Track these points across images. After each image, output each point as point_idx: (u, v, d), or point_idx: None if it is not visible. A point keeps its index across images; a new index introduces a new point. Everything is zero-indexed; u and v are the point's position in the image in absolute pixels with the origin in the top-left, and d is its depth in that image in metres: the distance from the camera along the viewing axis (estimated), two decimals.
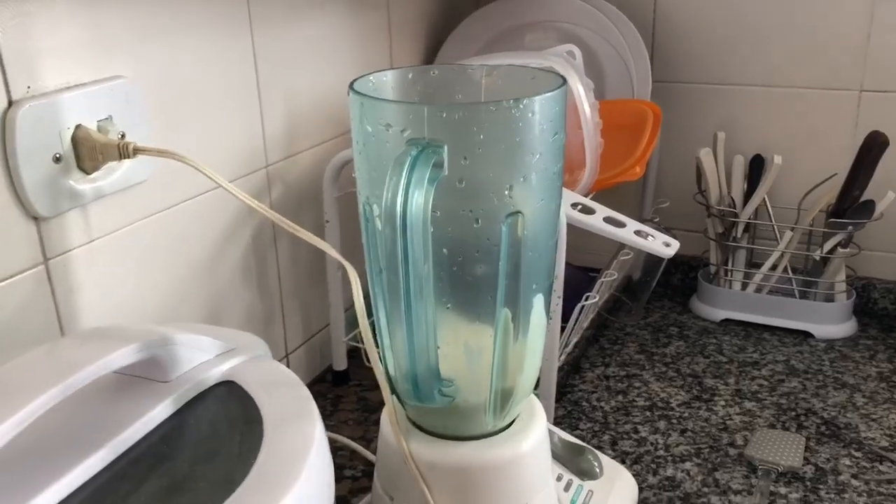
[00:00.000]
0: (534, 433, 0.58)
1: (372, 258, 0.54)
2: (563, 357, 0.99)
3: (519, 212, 0.50)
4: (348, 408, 0.97)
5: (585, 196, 0.99)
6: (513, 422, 0.59)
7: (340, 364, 1.01)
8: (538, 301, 0.55)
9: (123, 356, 0.46)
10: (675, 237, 0.95)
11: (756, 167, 1.18)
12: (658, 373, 1.06)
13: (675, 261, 1.27)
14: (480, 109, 0.48)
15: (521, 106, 0.47)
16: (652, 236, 0.86)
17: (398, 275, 0.48)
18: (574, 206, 0.87)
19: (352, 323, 1.00)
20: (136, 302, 0.74)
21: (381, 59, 1.09)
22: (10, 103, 0.60)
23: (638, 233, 0.86)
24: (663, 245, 0.85)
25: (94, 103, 0.66)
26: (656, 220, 1.16)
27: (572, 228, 0.83)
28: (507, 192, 0.49)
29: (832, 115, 1.16)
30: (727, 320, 1.18)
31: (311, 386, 1.01)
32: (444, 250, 0.51)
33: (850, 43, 1.12)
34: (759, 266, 1.17)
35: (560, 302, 0.84)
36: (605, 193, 1.03)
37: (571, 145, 0.92)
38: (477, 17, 1.21)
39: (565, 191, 0.90)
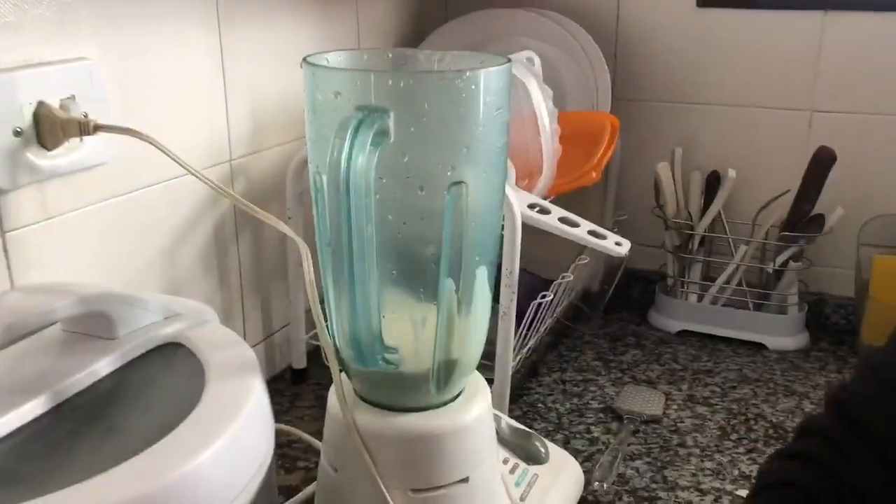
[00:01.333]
0: (477, 406, 0.59)
1: (321, 229, 0.56)
2: (519, 358, 1.01)
3: (462, 182, 0.52)
4: (305, 404, 0.97)
5: (545, 199, 1.01)
6: (458, 395, 0.61)
7: (300, 362, 1.02)
8: (481, 273, 0.56)
9: (67, 307, 0.47)
10: (633, 251, 0.97)
11: (713, 183, 1.21)
12: (614, 378, 1.07)
13: (633, 274, 1.30)
14: (426, 78, 0.50)
15: (465, 76, 0.49)
16: (604, 236, 0.88)
17: (341, 237, 0.49)
18: (531, 206, 0.90)
19: (312, 322, 1.01)
20: (93, 282, 0.74)
21: None
22: None
23: (592, 233, 0.89)
24: (615, 244, 0.87)
25: (58, 82, 0.67)
26: (615, 231, 1.19)
27: (532, 237, 0.85)
28: (450, 163, 0.51)
29: (785, 133, 1.19)
30: (684, 332, 1.21)
31: (269, 383, 1.01)
32: (389, 216, 0.52)
33: (801, 64, 1.16)
34: (714, 279, 1.20)
35: (514, 298, 0.86)
36: (566, 205, 1.05)
37: (530, 150, 0.95)
38: (444, 30, 1.25)
39: (523, 192, 0.92)
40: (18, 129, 0.64)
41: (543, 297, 0.93)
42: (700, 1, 1.20)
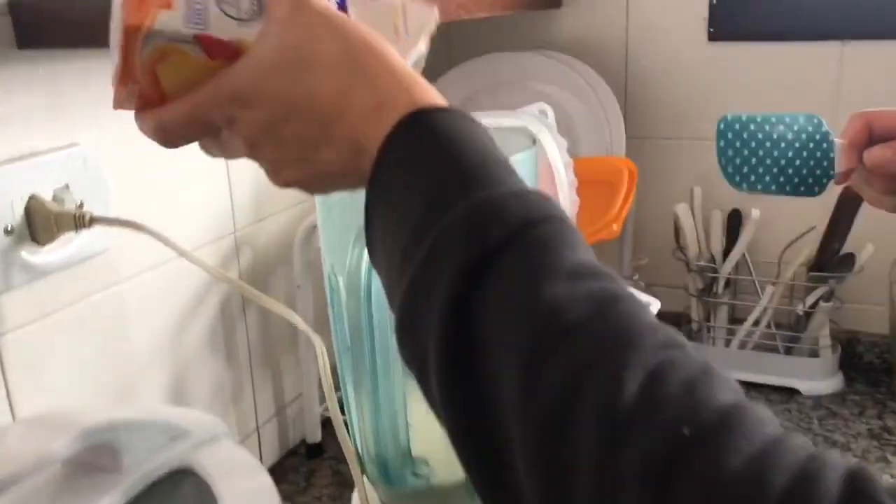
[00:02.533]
0: None
1: (338, 330, 0.52)
2: None
3: None
4: (322, 482, 0.93)
5: None
6: None
7: (314, 436, 0.97)
8: None
9: (68, 446, 0.42)
10: (655, 295, 0.93)
11: (734, 222, 1.17)
12: None
13: (657, 318, 1.25)
14: None
15: None
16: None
17: (363, 348, 0.45)
18: None
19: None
20: (95, 378, 0.70)
21: None
22: None
23: None
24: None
25: (50, 172, 0.63)
26: (636, 277, 1.14)
27: None
28: None
29: None
30: None
31: (283, 459, 0.97)
32: None
33: (822, 96, 1.12)
34: (741, 322, 1.15)
35: None
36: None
37: None
38: (451, 76, 1.21)
39: None
40: (9, 228, 0.60)
41: None
42: (711, 35, 1.16)
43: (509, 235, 0.33)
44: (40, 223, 0.62)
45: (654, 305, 0.82)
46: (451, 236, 0.33)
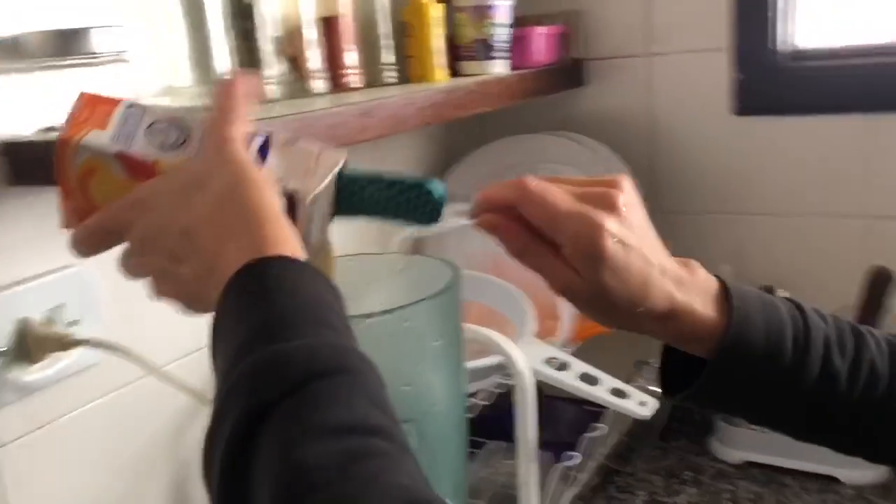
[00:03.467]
0: None
1: None
2: None
3: (409, 420, 0.48)
4: None
5: (570, 345, 0.97)
6: None
7: None
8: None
9: None
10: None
11: None
12: None
13: None
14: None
15: (392, 316, 0.46)
16: (627, 395, 0.82)
17: None
18: (549, 361, 0.85)
19: None
20: (95, 488, 0.74)
21: None
22: None
23: (615, 391, 0.83)
24: (638, 405, 0.81)
25: (41, 295, 0.68)
26: (652, 360, 1.12)
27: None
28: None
29: (839, 241, 1.11)
30: (747, 463, 1.11)
31: None
32: None
33: (850, 170, 1.08)
34: None
35: (535, 470, 0.80)
36: (600, 340, 1.00)
37: (538, 292, 0.91)
38: (472, 159, 1.23)
39: (540, 344, 0.88)
40: (0, 350, 0.65)
41: (594, 428, 0.87)
42: (737, 109, 1.14)
43: (287, 390, 0.35)
44: (31, 343, 0.67)
45: (650, 406, 0.81)
46: (238, 386, 0.36)
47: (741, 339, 0.49)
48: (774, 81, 1.10)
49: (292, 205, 0.47)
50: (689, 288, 0.50)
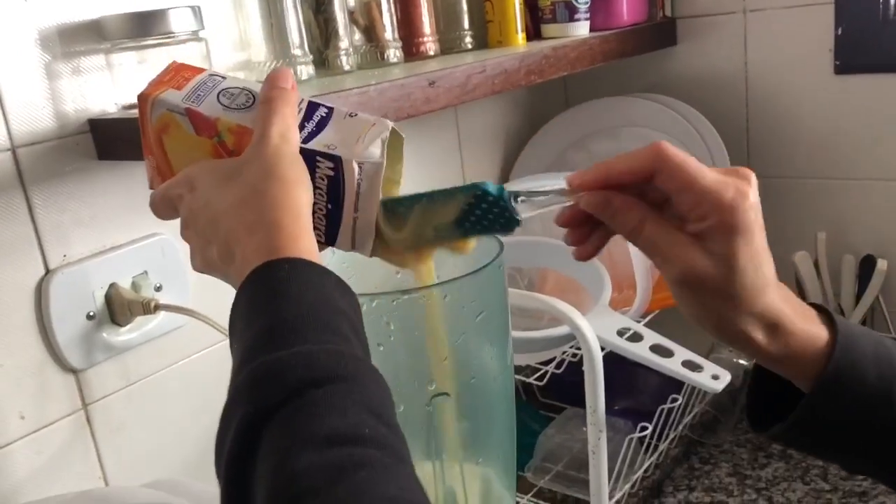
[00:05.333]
0: None
1: None
2: (635, 479, 0.95)
3: (444, 393, 0.49)
4: None
5: (644, 317, 0.95)
6: None
7: None
8: (486, 476, 0.53)
9: None
10: None
11: (867, 269, 1.07)
12: (747, 500, 0.97)
13: None
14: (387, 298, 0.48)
15: (433, 293, 0.47)
16: (700, 367, 0.80)
17: None
18: (622, 332, 0.84)
19: None
20: (178, 443, 0.79)
21: (453, 174, 1.11)
22: (47, 271, 0.68)
23: (686, 363, 0.81)
24: (711, 378, 0.79)
25: (129, 262, 0.73)
26: None
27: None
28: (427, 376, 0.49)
29: None
30: None
31: None
32: None
33: None
34: None
35: (602, 437, 0.80)
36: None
37: (617, 261, 0.89)
38: (559, 120, 1.21)
39: (614, 314, 0.87)
40: (91, 314, 0.70)
41: (643, 427, 0.87)
42: (837, 67, 1.07)
43: (284, 398, 0.36)
44: (118, 308, 0.72)
45: (723, 379, 0.79)
46: (238, 395, 0.37)
47: (850, 365, 0.45)
48: (877, 36, 1.03)
49: (337, 173, 0.48)
50: (794, 303, 0.46)
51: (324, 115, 0.51)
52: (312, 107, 0.51)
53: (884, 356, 0.46)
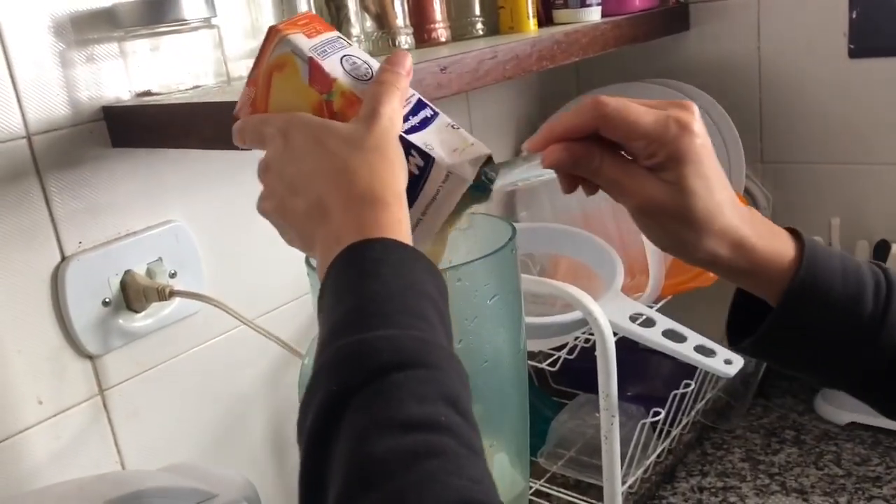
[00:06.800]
0: None
1: None
2: (648, 464, 0.95)
3: None
4: None
5: (656, 302, 0.95)
6: None
7: None
8: (500, 460, 0.53)
9: None
10: None
11: (882, 254, 1.06)
12: (760, 486, 0.97)
13: None
14: None
15: (446, 275, 0.47)
16: (713, 352, 0.80)
17: None
18: (634, 317, 0.84)
19: None
20: (195, 428, 0.80)
21: None
22: (63, 258, 0.69)
23: (699, 348, 0.81)
24: (724, 363, 0.79)
25: (144, 248, 0.73)
26: None
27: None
28: None
29: None
30: (853, 424, 1.07)
31: None
32: None
33: None
34: None
35: (615, 422, 0.81)
36: (698, 294, 0.97)
37: (630, 246, 0.89)
38: (570, 107, 1.21)
39: (626, 300, 0.87)
40: (107, 300, 0.71)
41: (687, 385, 0.87)
42: (852, 51, 1.06)
43: (365, 379, 0.36)
44: (133, 294, 0.72)
45: (736, 364, 0.79)
46: (322, 371, 0.38)
47: (815, 279, 0.46)
48: (892, 19, 1.02)
49: (424, 172, 0.49)
50: (758, 223, 0.48)
51: (429, 115, 0.52)
52: (421, 104, 0.52)
53: (851, 270, 0.48)
